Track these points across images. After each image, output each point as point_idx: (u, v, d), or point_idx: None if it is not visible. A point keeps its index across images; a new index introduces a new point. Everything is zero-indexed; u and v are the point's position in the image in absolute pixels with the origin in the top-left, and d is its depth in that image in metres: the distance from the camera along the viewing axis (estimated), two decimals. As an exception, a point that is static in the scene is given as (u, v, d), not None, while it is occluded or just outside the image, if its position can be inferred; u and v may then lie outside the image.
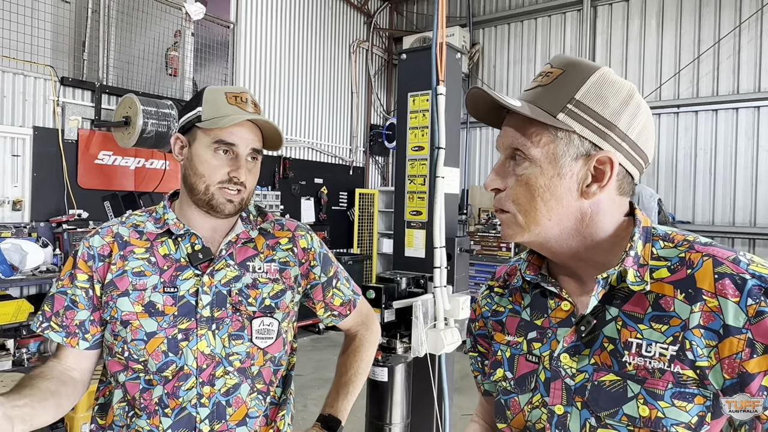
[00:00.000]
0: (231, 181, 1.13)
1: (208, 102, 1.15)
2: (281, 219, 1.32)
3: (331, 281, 1.32)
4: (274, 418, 1.23)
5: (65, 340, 1.13)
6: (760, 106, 5.97)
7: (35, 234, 4.36)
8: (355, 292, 1.39)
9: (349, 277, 1.40)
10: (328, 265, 1.32)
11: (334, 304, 1.33)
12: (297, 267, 1.26)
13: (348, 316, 1.37)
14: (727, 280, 0.70)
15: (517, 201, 0.79)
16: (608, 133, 0.76)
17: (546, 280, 0.85)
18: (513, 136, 0.80)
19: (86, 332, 1.14)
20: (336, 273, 1.34)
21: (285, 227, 1.30)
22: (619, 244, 0.79)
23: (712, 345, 0.69)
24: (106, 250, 1.16)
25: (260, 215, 1.30)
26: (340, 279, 1.35)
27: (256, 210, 1.30)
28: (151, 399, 1.10)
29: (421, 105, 2.75)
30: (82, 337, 1.14)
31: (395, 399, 2.36)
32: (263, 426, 1.20)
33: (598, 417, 0.74)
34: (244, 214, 1.26)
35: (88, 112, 4.86)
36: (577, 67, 0.78)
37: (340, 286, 1.34)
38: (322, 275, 1.30)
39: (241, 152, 1.14)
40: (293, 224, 1.32)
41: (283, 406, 1.25)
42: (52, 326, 1.13)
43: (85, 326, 1.14)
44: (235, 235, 1.20)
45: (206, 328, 1.12)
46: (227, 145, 1.13)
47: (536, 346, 0.84)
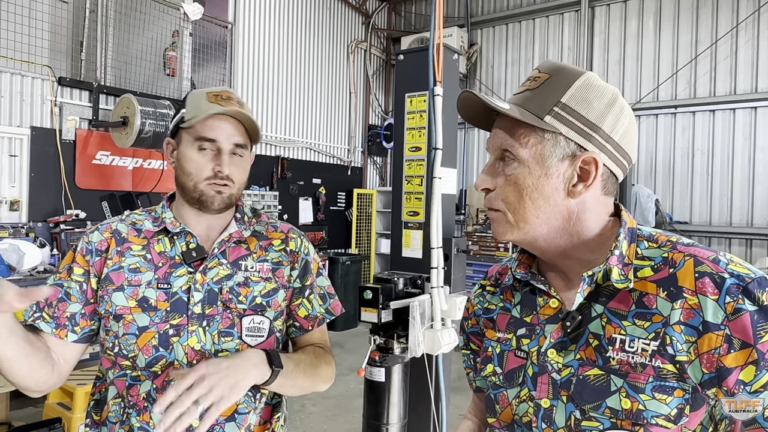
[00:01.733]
0: (216, 176, 1.16)
1: (191, 103, 1.19)
2: (275, 221, 1.34)
3: (303, 290, 1.29)
4: (269, 419, 1.24)
5: (54, 331, 1.14)
6: (757, 107, 5.99)
7: (33, 234, 4.35)
8: (329, 311, 1.33)
9: (328, 296, 1.34)
10: (307, 274, 1.31)
11: (298, 314, 1.28)
12: (289, 266, 1.28)
13: (309, 332, 1.30)
14: (706, 278, 0.73)
15: (506, 200, 0.82)
16: (593, 135, 0.79)
17: (535, 278, 0.88)
18: (502, 138, 0.83)
19: (76, 325, 1.16)
20: (311, 285, 1.31)
21: (278, 229, 1.32)
22: (605, 243, 0.82)
23: (691, 341, 0.72)
24: (104, 245, 1.19)
25: (255, 216, 1.32)
26: (314, 293, 1.31)
27: (251, 211, 1.32)
28: (138, 395, 1.12)
29: (418, 106, 2.76)
30: (71, 329, 1.15)
31: (392, 399, 2.36)
32: (258, 426, 1.20)
33: (583, 410, 0.77)
34: (239, 214, 1.27)
35: (85, 112, 4.86)
36: (563, 72, 0.81)
37: (312, 299, 1.30)
38: (297, 281, 1.29)
39: (223, 147, 1.17)
40: (287, 226, 1.34)
41: (278, 408, 1.26)
42: (44, 317, 1.15)
43: (75, 319, 1.16)
44: (228, 234, 1.22)
45: (197, 325, 1.14)
46: (208, 141, 1.16)
47: (525, 342, 0.87)
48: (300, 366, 1.18)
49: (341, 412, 4.32)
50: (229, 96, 1.19)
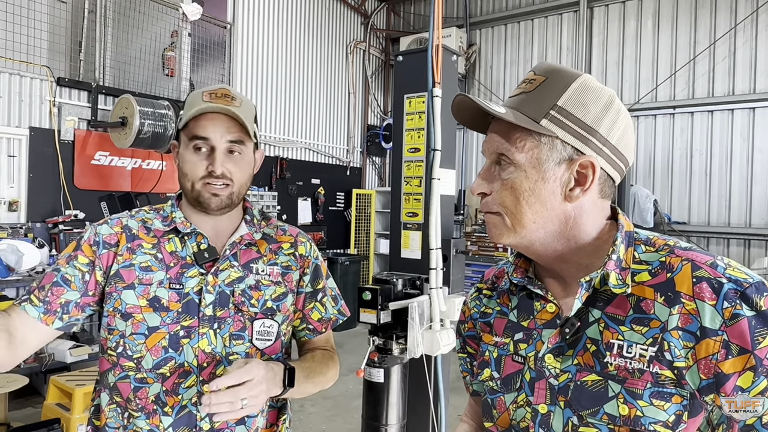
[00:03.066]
0: (210, 175, 1.14)
1: (188, 104, 1.19)
2: (284, 225, 1.34)
3: (315, 294, 1.31)
4: (275, 421, 1.24)
5: (42, 317, 1.09)
6: (756, 107, 6.00)
7: (31, 235, 4.35)
8: (341, 312, 1.35)
9: (339, 297, 1.37)
10: (318, 278, 1.32)
11: (311, 318, 1.30)
12: (298, 271, 1.28)
13: (322, 335, 1.33)
14: (704, 283, 0.72)
15: (503, 204, 0.81)
16: (590, 138, 0.78)
17: (532, 283, 0.87)
18: (498, 142, 0.82)
19: (66, 313, 1.12)
20: (324, 288, 1.33)
21: (287, 233, 1.32)
22: (602, 247, 0.81)
23: (689, 346, 0.71)
24: (114, 239, 1.17)
25: (264, 219, 1.32)
26: (327, 295, 1.33)
27: (260, 214, 1.32)
28: (146, 398, 1.11)
29: (417, 107, 2.76)
30: (59, 316, 1.11)
31: (391, 400, 2.36)
32: (264, 429, 1.21)
33: (580, 416, 0.77)
34: (248, 217, 1.27)
35: (84, 113, 4.86)
36: (559, 74, 0.80)
37: (325, 302, 1.32)
38: (309, 285, 1.30)
39: (216, 145, 1.15)
40: (295, 230, 1.34)
41: (283, 410, 1.27)
42: (32, 299, 1.10)
43: (68, 307, 1.12)
44: (239, 236, 1.22)
45: (208, 327, 1.13)
46: (201, 140, 1.14)
47: (522, 347, 0.86)
48: (310, 377, 1.20)
49: (340, 413, 4.32)
50: (225, 93, 1.17)
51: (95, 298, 1.15)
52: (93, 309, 1.17)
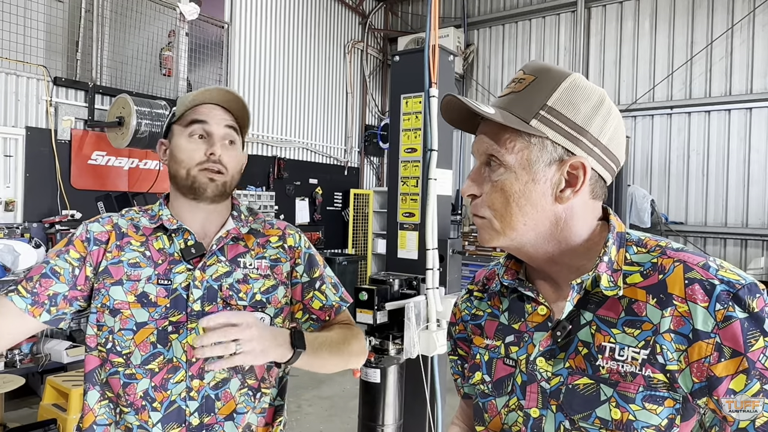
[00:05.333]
0: (209, 159, 1.16)
1: (180, 102, 1.23)
2: (272, 219, 1.34)
3: (313, 283, 1.29)
4: (271, 422, 1.24)
5: (29, 308, 1.09)
6: (752, 108, 6.02)
7: (28, 235, 4.34)
8: (343, 299, 1.33)
9: (340, 285, 1.35)
10: (313, 267, 1.31)
11: (312, 307, 1.28)
12: (288, 263, 1.27)
13: (339, 315, 1.32)
14: (696, 285, 0.71)
15: (493, 206, 0.80)
16: (580, 139, 0.77)
17: (523, 285, 0.85)
18: (488, 143, 0.80)
19: (54, 305, 1.12)
20: (321, 276, 1.32)
21: (275, 226, 1.32)
22: (593, 248, 0.80)
23: (681, 349, 0.71)
24: (104, 236, 1.19)
25: (251, 215, 1.32)
26: (326, 283, 1.31)
27: (247, 210, 1.32)
28: (135, 393, 1.11)
29: (413, 107, 2.76)
30: (47, 309, 1.11)
31: (388, 400, 2.37)
32: (261, 428, 1.20)
33: (572, 420, 0.75)
34: (235, 212, 1.28)
35: (81, 113, 4.85)
36: (548, 73, 0.79)
37: (324, 290, 1.30)
38: (305, 275, 1.29)
39: (213, 130, 1.18)
40: (283, 224, 1.34)
41: (280, 411, 1.26)
42: (19, 290, 1.10)
43: (56, 299, 1.12)
44: (226, 231, 1.22)
45: (196, 322, 1.13)
46: (199, 123, 1.17)
47: (513, 350, 0.85)
48: (325, 345, 1.15)
49: (337, 413, 4.32)
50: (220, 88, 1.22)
51: (84, 293, 1.16)
52: (80, 305, 1.17)
